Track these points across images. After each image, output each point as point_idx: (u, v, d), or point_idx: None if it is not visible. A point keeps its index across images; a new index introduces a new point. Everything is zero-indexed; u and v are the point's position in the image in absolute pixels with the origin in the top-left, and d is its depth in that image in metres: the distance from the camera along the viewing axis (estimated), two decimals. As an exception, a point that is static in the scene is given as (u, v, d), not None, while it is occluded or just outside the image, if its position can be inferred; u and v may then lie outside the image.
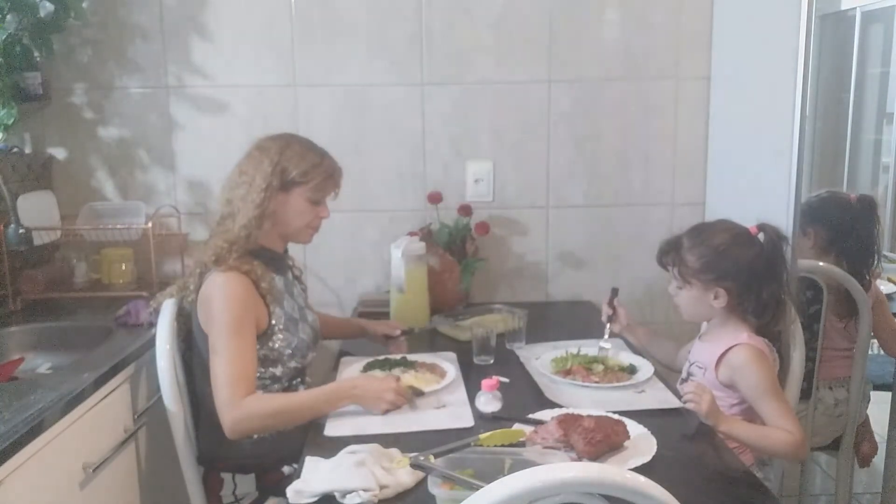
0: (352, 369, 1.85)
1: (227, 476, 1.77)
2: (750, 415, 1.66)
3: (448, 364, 1.86)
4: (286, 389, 1.77)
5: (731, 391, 1.68)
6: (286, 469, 1.75)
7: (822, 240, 2.31)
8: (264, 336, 1.71)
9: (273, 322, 1.72)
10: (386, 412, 1.59)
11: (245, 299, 1.65)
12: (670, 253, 1.75)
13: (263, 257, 1.75)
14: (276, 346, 1.72)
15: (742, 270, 1.67)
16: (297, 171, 1.73)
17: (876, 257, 2.33)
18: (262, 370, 1.72)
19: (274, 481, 1.75)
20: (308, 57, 2.45)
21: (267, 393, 1.70)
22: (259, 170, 1.71)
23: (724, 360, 1.67)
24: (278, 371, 1.74)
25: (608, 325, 1.97)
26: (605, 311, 1.98)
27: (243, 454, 1.73)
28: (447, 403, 1.66)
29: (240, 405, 1.56)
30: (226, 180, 1.78)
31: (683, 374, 1.80)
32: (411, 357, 1.90)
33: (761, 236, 1.73)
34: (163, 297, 1.82)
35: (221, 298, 1.64)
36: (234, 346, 1.61)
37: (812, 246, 2.32)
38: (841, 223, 2.30)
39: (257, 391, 1.65)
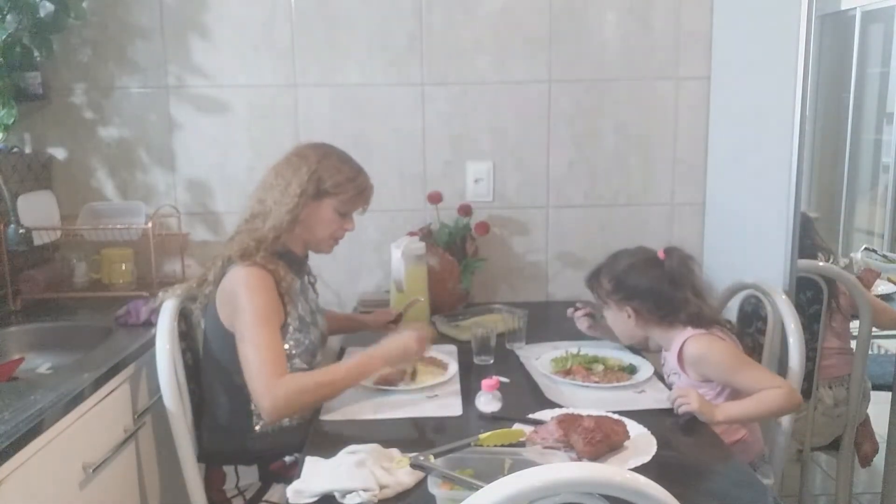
0: None
1: (228, 469, 1.77)
2: (736, 397, 1.69)
3: (447, 357, 1.90)
4: None
5: (709, 384, 1.72)
6: (287, 458, 1.77)
7: None
8: (280, 333, 1.73)
9: (288, 322, 1.74)
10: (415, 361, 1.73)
11: (269, 293, 1.68)
12: (593, 279, 1.90)
13: (286, 259, 1.78)
14: (287, 345, 1.74)
15: (644, 290, 1.79)
16: (332, 181, 1.76)
17: (828, 253, 2.37)
18: None
19: (276, 470, 1.77)
20: (308, 57, 2.45)
21: (298, 372, 1.71)
22: (296, 175, 1.74)
23: (683, 360, 1.73)
24: (288, 371, 1.75)
25: (591, 333, 2.05)
26: (582, 318, 2.05)
27: (246, 447, 1.75)
28: (439, 393, 1.71)
29: (277, 387, 1.58)
30: (260, 180, 1.81)
31: (668, 388, 1.82)
32: None
33: (666, 260, 1.81)
34: (179, 290, 1.83)
35: (247, 290, 1.66)
36: (264, 334, 1.63)
37: None
38: None
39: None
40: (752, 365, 1.71)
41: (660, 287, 1.78)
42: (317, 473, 1.30)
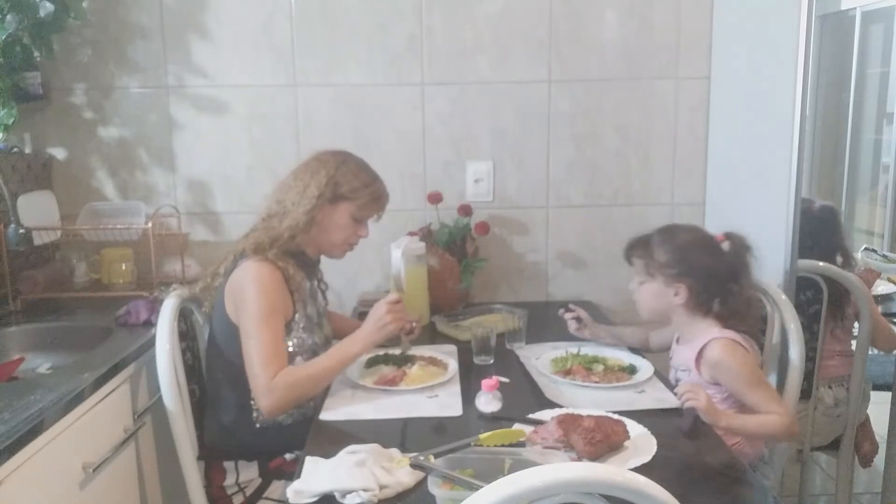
0: (355, 365, 1.87)
1: (229, 466, 1.78)
2: (740, 407, 1.68)
3: (447, 357, 1.91)
4: None
5: (718, 387, 1.70)
6: (288, 456, 1.79)
7: None
8: (285, 330, 1.75)
9: (296, 319, 1.77)
10: (398, 330, 1.73)
11: (276, 289, 1.71)
12: (639, 247, 1.79)
13: (299, 259, 1.82)
14: (291, 343, 1.76)
15: (703, 271, 1.71)
16: (348, 186, 1.81)
17: (847, 261, 2.35)
18: None
19: (276, 467, 1.79)
20: (308, 57, 2.45)
21: (288, 367, 1.72)
22: (315, 179, 1.79)
23: (701, 357, 1.70)
24: None
25: (578, 333, 2.03)
26: (571, 320, 2.03)
27: (248, 443, 1.77)
28: (439, 393, 1.71)
29: (273, 383, 1.63)
30: (279, 182, 1.86)
31: (672, 381, 1.81)
32: (411, 351, 1.93)
33: (727, 245, 1.76)
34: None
35: (255, 285, 1.69)
36: (267, 331, 1.67)
37: None
38: (802, 231, 2.32)
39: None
40: (765, 385, 1.68)
41: (718, 272, 1.71)
42: (317, 473, 1.30)
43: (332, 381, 1.72)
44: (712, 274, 1.71)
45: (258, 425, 1.75)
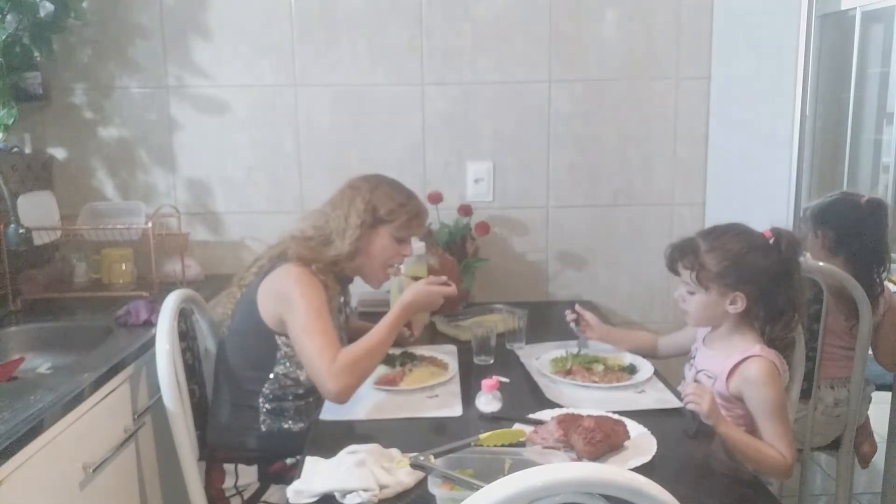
0: None
1: (228, 468, 1.79)
2: (750, 431, 1.64)
3: (447, 357, 1.91)
4: (302, 398, 1.80)
5: (738, 403, 1.64)
6: (289, 460, 1.78)
7: (830, 241, 2.31)
8: None
9: None
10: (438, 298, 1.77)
11: (321, 291, 1.72)
12: (687, 256, 1.67)
13: (337, 276, 1.83)
14: None
15: (761, 275, 1.62)
16: (385, 209, 1.82)
17: (886, 261, 2.32)
18: (291, 370, 1.77)
19: (276, 471, 1.79)
20: (308, 57, 2.45)
21: (343, 348, 1.70)
22: (353, 207, 1.81)
23: (737, 370, 1.63)
24: (302, 377, 1.77)
25: (580, 333, 1.98)
26: (570, 322, 1.98)
27: (251, 446, 1.78)
28: (439, 393, 1.71)
29: (335, 367, 1.60)
30: (314, 211, 1.88)
31: (687, 378, 1.79)
32: (411, 350, 1.94)
33: (774, 242, 1.68)
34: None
35: (299, 286, 1.69)
36: (318, 323, 1.65)
37: (821, 247, 2.31)
38: (847, 225, 2.29)
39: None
40: (784, 421, 1.60)
41: (774, 273, 1.61)
42: (317, 473, 1.31)
43: (386, 352, 1.71)
44: (770, 277, 1.61)
45: (263, 429, 1.75)
